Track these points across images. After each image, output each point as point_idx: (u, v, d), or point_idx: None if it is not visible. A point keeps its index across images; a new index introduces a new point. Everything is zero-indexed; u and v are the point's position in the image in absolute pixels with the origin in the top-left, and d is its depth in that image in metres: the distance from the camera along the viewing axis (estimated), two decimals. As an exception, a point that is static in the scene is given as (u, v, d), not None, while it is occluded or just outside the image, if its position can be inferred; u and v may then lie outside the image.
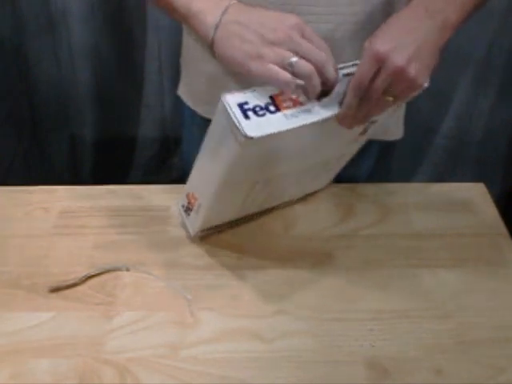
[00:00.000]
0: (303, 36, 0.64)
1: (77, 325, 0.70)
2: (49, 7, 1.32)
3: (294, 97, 0.64)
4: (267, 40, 0.63)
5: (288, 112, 0.63)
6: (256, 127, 0.60)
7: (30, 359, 0.66)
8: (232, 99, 0.62)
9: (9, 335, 0.69)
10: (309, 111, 0.64)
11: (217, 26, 0.66)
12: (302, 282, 0.75)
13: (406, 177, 0.95)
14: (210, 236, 0.81)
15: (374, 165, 0.97)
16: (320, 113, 0.64)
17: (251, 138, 0.60)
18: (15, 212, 0.86)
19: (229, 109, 0.61)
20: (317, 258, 0.78)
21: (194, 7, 0.69)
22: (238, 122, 0.60)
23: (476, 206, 0.87)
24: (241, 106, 0.62)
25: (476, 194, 0.89)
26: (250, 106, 0.62)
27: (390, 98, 0.64)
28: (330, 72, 0.64)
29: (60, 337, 0.69)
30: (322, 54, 0.64)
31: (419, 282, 0.75)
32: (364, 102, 0.64)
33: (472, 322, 0.70)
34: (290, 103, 0.64)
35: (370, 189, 0.90)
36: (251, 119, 0.61)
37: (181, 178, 0.99)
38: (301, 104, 0.64)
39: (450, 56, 1.37)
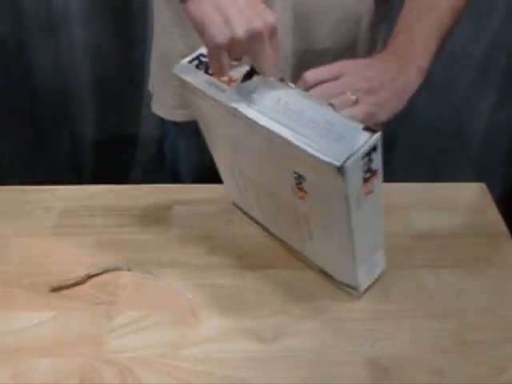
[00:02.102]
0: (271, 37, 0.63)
1: (78, 324, 0.70)
2: (50, 7, 1.32)
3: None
4: (241, 24, 0.58)
5: (212, 79, 0.64)
6: (186, 71, 0.66)
7: (31, 359, 0.67)
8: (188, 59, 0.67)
9: (10, 335, 0.69)
10: (224, 91, 0.63)
11: None
12: (302, 282, 0.75)
13: (407, 176, 0.95)
14: (210, 236, 0.81)
15: None
16: (230, 99, 0.62)
17: (175, 73, 0.66)
18: (16, 211, 0.86)
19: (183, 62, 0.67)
20: (317, 257, 0.78)
21: None
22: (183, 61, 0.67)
23: (477, 205, 0.87)
24: (196, 57, 0.67)
25: (477, 194, 0.89)
26: (202, 59, 0.66)
27: (353, 97, 0.64)
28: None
29: (61, 336, 0.69)
30: (271, 63, 0.61)
31: (419, 281, 0.75)
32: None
33: (472, 322, 0.70)
34: (224, 79, 0.64)
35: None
36: (191, 64, 0.66)
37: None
38: (229, 82, 0.64)
39: (450, 56, 1.37)
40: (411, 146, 1.53)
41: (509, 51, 1.36)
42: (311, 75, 0.64)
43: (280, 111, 0.59)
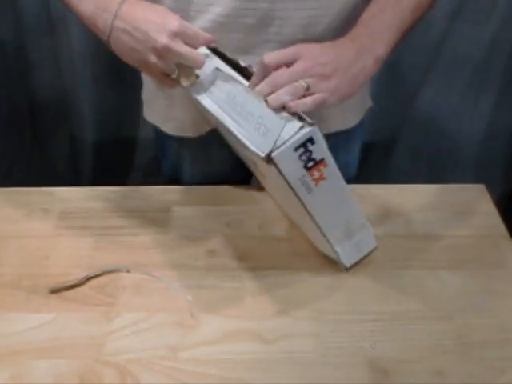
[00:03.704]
0: (186, 37, 0.66)
1: (77, 326, 0.70)
2: (49, 9, 1.32)
3: None
4: (151, 49, 0.66)
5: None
6: None
7: (31, 360, 0.66)
8: None
9: (9, 336, 0.69)
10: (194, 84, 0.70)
11: (109, 33, 0.70)
12: (302, 283, 0.75)
13: (406, 178, 0.95)
14: (209, 238, 0.81)
15: (358, 165, 0.99)
16: (195, 91, 0.71)
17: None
18: (15, 213, 0.86)
19: None
20: (317, 259, 0.78)
21: (83, 11, 0.73)
22: None
23: (476, 207, 0.87)
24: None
25: (476, 196, 0.89)
26: None
27: (304, 84, 0.65)
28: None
29: (60, 338, 0.69)
30: (198, 58, 0.67)
31: (420, 283, 0.75)
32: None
33: (472, 324, 0.70)
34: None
35: (370, 190, 0.90)
36: None
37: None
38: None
39: (450, 56, 1.37)
40: (411, 147, 1.53)
41: (509, 52, 1.36)
42: (268, 58, 0.66)
43: (229, 103, 0.67)
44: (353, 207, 0.72)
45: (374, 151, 1.54)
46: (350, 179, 1.02)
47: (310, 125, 0.60)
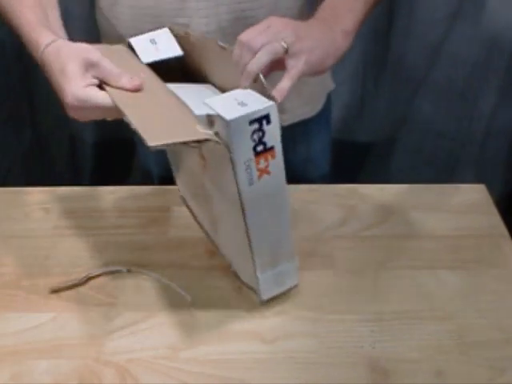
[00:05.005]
0: (96, 73, 0.66)
1: (77, 326, 0.70)
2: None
3: None
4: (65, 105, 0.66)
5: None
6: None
7: (31, 360, 0.66)
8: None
9: (9, 336, 0.69)
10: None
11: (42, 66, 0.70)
12: (302, 282, 0.75)
13: (407, 178, 0.95)
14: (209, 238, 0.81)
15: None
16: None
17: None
18: (15, 213, 0.86)
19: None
20: (317, 259, 0.78)
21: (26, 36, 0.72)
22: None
23: (477, 207, 0.87)
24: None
25: (477, 196, 0.89)
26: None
27: (284, 45, 0.65)
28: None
29: (60, 338, 0.69)
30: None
31: (420, 283, 0.75)
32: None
33: (473, 324, 0.70)
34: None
35: (370, 190, 0.90)
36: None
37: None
38: None
39: (450, 56, 1.37)
40: (411, 148, 1.53)
41: (509, 52, 1.36)
42: (245, 36, 0.66)
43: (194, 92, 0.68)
44: (286, 228, 0.68)
45: (374, 151, 1.55)
46: (315, 179, 1.02)
47: (270, 100, 0.59)
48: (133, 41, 0.72)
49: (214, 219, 0.75)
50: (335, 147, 1.11)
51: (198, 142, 0.57)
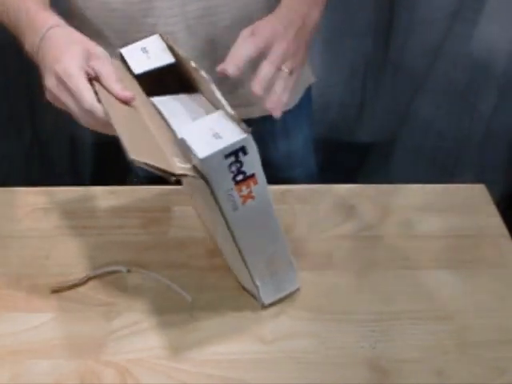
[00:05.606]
0: (97, 66, 0.66)
1: (77, 326, 0.70)
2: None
3: None
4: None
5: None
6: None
7: (31, 360, 0.66)
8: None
9: (9, 336, 0.69)
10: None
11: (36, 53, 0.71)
12: (302, 283, 0.75)
13: (406, 178, 0.95)
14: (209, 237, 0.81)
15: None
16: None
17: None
18: (15, 213, 0.86)
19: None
20: (317, 259, 0.78)
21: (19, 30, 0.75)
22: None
23: (477, 207, 0.87)
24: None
25: (477, 196, 0.89)
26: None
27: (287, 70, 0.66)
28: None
29: (60, 338, 0.69)
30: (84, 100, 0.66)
31: (420, 283, 0.75)
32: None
33: (473, 324, 0.70)
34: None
35: (370, 190, 0.90)
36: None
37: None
38: None
39: (450, 57, 1.37)
40: (411, 148, 1.53)
41: (509, 52, 1.36)
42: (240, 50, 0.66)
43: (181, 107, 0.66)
44: (280, 241, 0.68)
45: (374, 151, 1.55)
46: (300, 178, 1.01)
47: (245, 132, 0.56)
48: (124, 51, 0.72)
49: (212, 226, 0.74)
50: (335, 147, 1.11)
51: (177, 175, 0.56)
